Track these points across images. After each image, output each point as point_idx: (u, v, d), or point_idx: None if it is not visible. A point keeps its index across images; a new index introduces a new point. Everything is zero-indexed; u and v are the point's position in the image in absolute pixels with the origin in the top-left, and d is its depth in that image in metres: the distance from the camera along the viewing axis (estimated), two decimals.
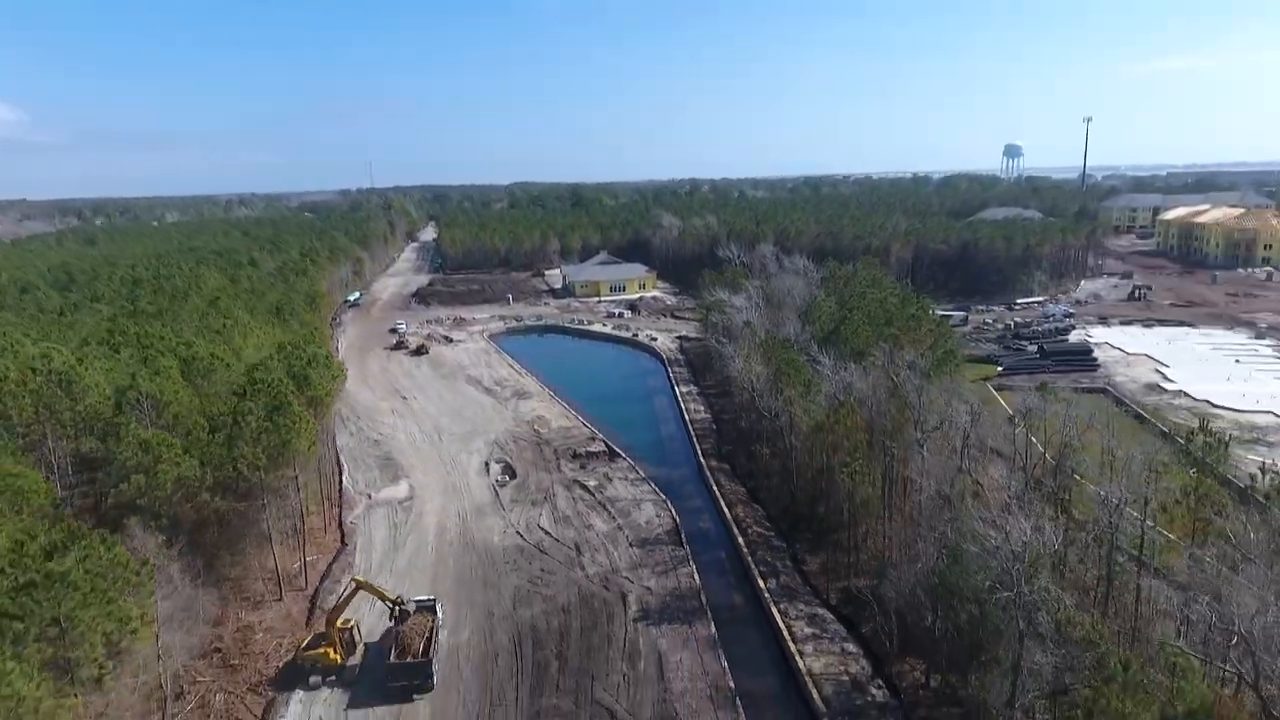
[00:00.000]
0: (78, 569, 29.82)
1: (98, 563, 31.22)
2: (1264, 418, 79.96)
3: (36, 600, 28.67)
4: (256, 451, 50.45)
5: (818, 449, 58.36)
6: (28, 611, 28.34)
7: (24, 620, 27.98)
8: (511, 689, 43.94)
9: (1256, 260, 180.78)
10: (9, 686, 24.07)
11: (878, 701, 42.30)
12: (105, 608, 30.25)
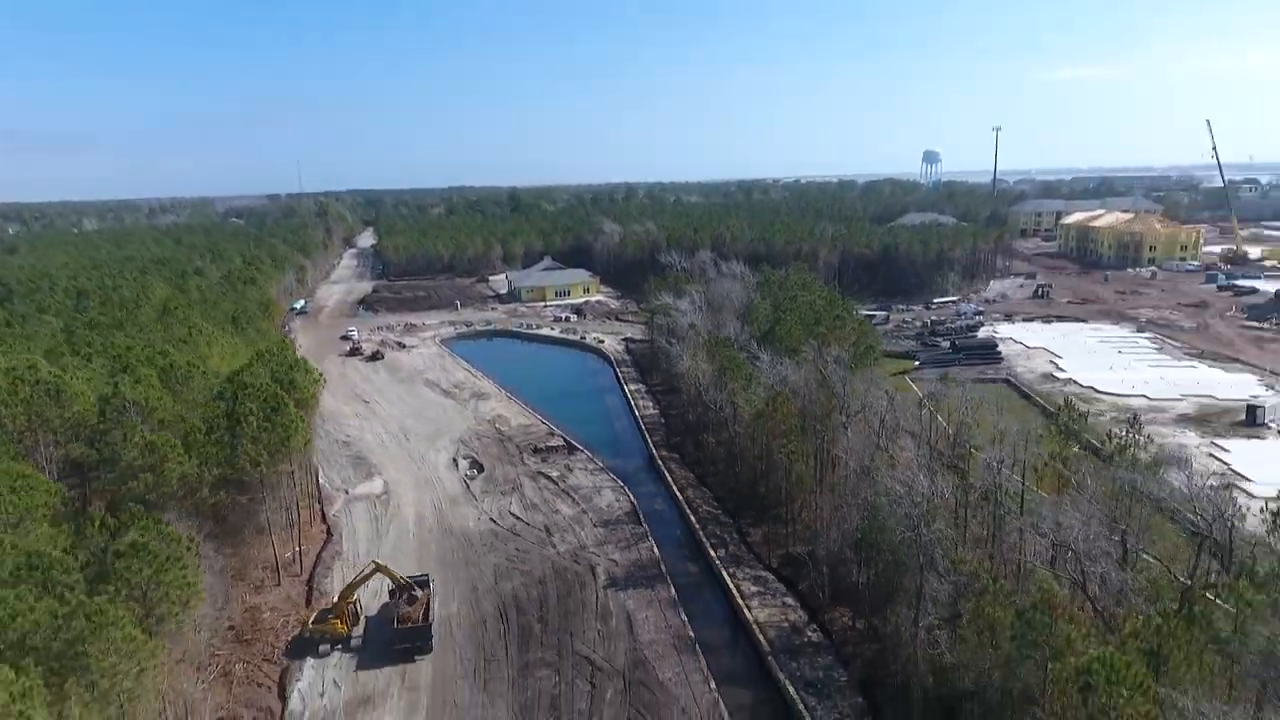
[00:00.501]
0: (151, 542, 35.07)
1: (157, 538, 36.41)
2: (1137, 401, 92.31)
3: (128, 565, 33.82)
4: (258, 449, 55.46)
5: (758, 435, 66.69)
6: (123, 574, 33.47)
7: (122, 580, 33.11)
8: (501, 648, 50.43)
9: (1143, 260, 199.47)
10: (123, 630, 29.36)
11: (813, 642, 50.43)
12: (180, 572, 35.53)
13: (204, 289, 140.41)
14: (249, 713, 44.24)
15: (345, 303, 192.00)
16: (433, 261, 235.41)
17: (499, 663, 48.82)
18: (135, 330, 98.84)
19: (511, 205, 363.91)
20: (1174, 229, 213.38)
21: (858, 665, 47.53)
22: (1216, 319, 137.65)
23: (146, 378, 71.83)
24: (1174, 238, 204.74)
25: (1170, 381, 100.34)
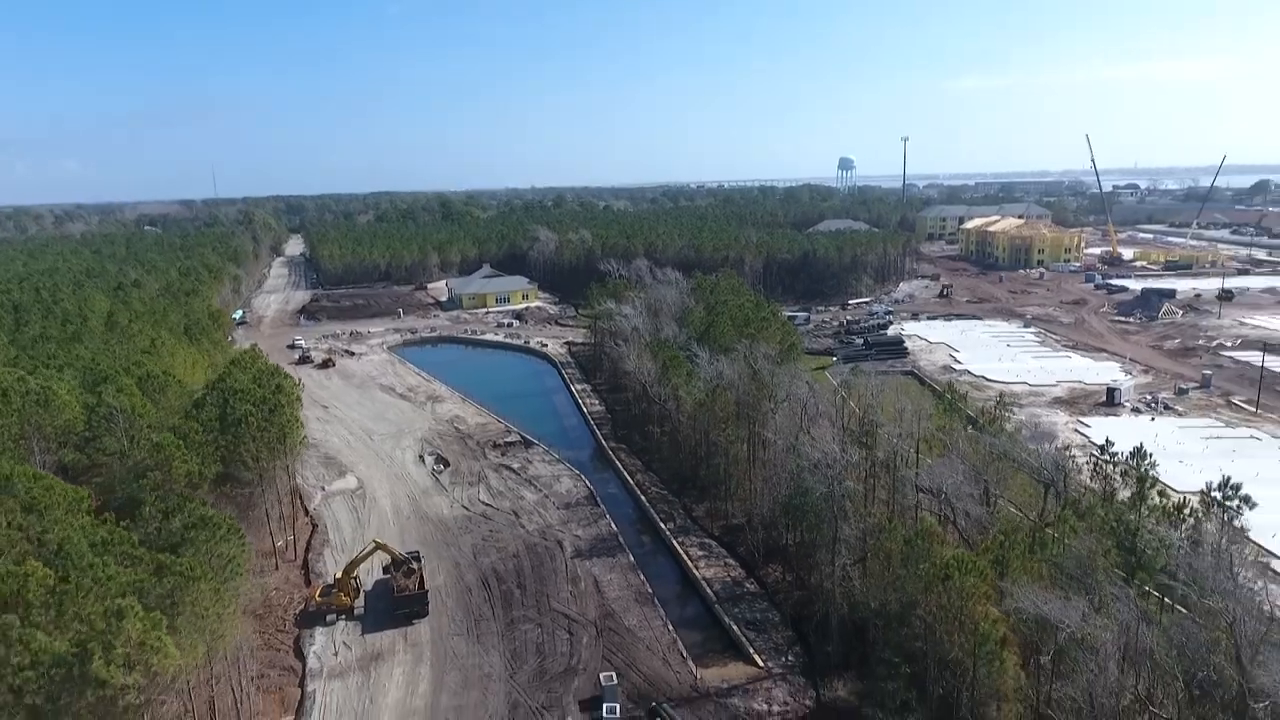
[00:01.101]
0: (212, 517, 41.71)
1: (210, 517, 43.06)
2: (1020, 387, 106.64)
3: (198, 536, 40.35)
4: (258, 446, 61.76)
5: (699, 423, 76.56)
6: (194, 542, 39.98)
7: (193, 547, 39.59)
8: (487, 609, 58.43)
9: (1033, 262, 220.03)
10: (207, 584, 35.96)
11: (751, 592, 60.29)
12: (239, 544, 42.21)
13: (146, 301, 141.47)
14: (275, 670, 51.03)
15: (285, 312, 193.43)
16: (369, 270, 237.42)
17: (488, 621, 56.84)
18: (94, 343, 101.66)
19: (443, 213, 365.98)
20: (1060, 234, 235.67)
21: (788, 606, 57.60)
22: (1091, 315, 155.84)
23: (127, 387, 76.62)
24: (1059, 242, 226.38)
25: (1048, 370, 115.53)
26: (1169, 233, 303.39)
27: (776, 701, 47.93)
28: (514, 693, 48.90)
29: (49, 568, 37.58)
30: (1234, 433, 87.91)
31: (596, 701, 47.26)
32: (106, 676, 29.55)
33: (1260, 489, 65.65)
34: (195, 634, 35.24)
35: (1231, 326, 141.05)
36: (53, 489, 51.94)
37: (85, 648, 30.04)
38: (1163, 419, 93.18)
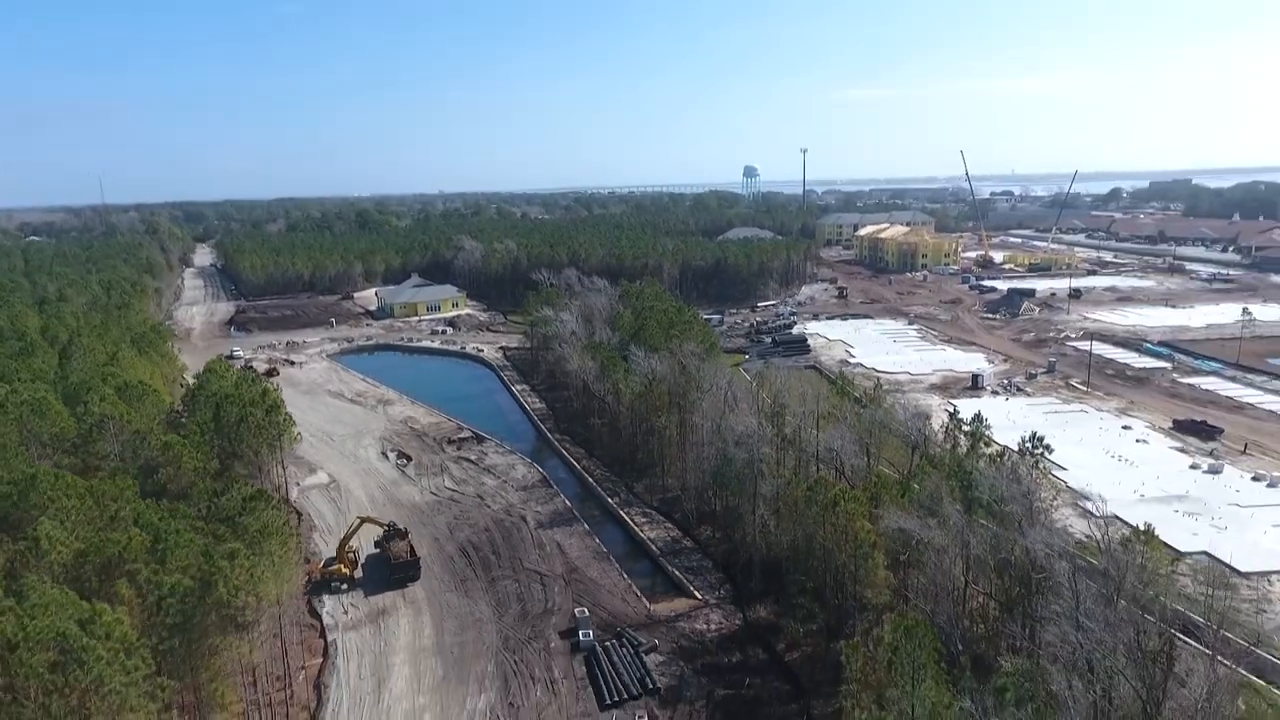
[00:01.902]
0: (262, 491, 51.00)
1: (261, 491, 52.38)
2: (903, 376, 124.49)
3: (255, 506, 49.59)
4: (259, 441, 70.43)
5: (637, 413, 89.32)
6: (257, 510, 49.23)
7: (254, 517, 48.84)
8: (470, 572, 69.25)
9: (917, 265, 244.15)
10: (275, 540, 45.44)
11: (687, 547, 73.35)
12: (284, 512, 51.46)
13: (78, 316, 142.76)
14: (297, 628, 60.44)
15: (212, 324, 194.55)
16: (292, 281, 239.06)
17: (472, 580, 67.74)
18: (48, 358, 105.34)
19: (359, 222, 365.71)
20: (940, 240, 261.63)
21: (718, 555, 70.98)
22: (965, 313, 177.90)
23: (109, 396, 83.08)
24: (940, 247, 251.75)
25: (927, 361, 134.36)
26: (1035, 237, 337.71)
27: (713, 623, 61.08)
28: (504, 630, 60.22)
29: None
30: (1068, 408, 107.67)
31: (572, 632, 59.13)
32: (228, 599, 39.38)
33: (1078, 449, 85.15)
34: (272, 576, 45.01)
35: (1077, 321, 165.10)
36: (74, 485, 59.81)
37: (208, 580, 39.74)
38: (1015, 399, 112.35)
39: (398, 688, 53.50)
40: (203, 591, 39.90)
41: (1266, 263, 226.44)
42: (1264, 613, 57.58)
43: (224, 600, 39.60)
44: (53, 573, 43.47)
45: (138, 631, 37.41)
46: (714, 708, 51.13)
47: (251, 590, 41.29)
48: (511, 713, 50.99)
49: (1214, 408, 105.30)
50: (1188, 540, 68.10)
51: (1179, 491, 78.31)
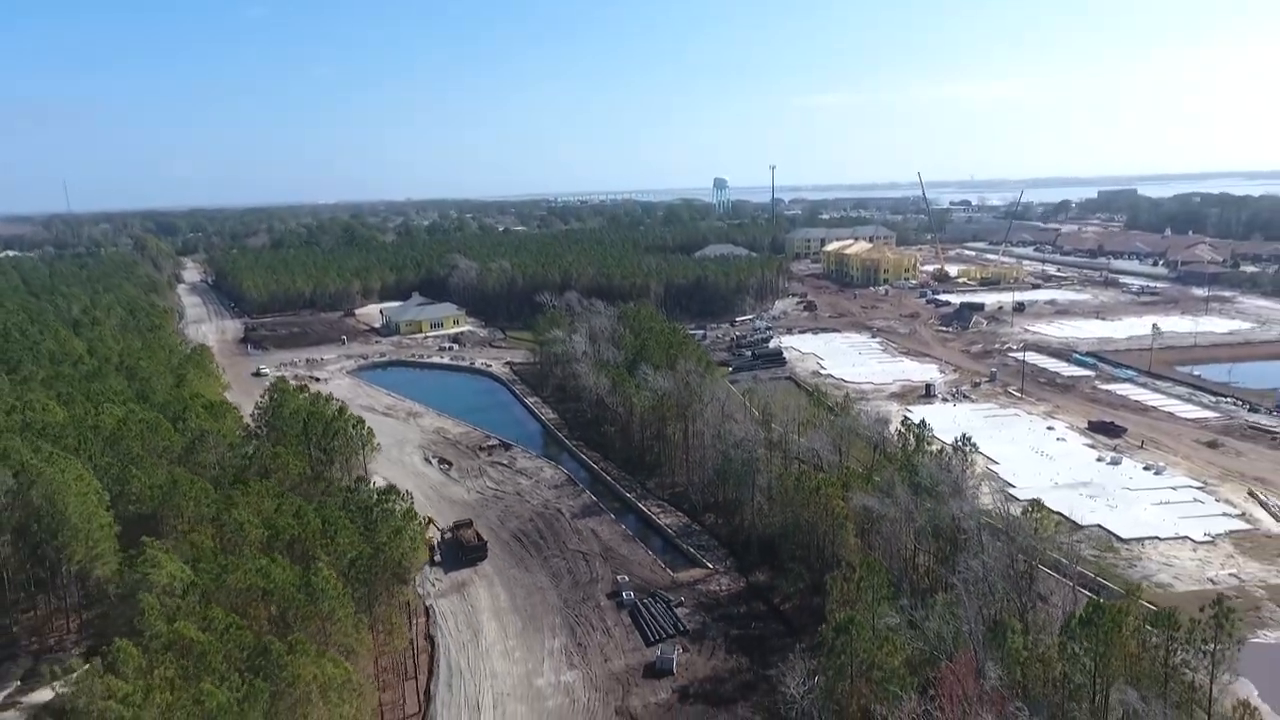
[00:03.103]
0: (388, 488, 67.22)
1: (388, 488, 68.66)
2: (866, 385, 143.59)
3: (388, 499, 65.78)
4: (353, 448, 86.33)
5: (647, 422, 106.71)
6: (388, 502, 65.39)
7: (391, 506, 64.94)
8: (525, 553, 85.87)
9: (880, 280, 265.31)
10: (416, 532, 61.59)
11: (696, 530, 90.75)
12: (408, 500, 67.88)
13: (120, 339, 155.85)
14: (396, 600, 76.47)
15: (225, 342, 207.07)
16: (294, 298, 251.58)
17: (528, 559, 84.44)
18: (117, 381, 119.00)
19: (346, 237, 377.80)
20: (900, 256, 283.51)
21: (722, 535, 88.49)
22: (922, 326, 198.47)
23: (201, 414, 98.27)
24: (900, 263, 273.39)
25: (888, 371, 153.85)
26: (988, 250, 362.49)
27: (723, 586, 78.55)
28: (562, 594, 77.08)
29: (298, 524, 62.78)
30: (1004, 412, 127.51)
31: (616, 593, 76.16)
32: (399, 557, 55.83)
33: (1009, 447, 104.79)
34: (418, 546, 61.32)
35: (1019, 333, 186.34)
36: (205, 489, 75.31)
37: (381, 546, 56.12)
38: (961, 405, 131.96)
39: (490, 636, 70.14)
40: (375, 555, 56.27)
41: (1189, 276, 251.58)
42: (1134, 566, 76.89)
43: (395, 560, 55.94)
44: (253, 548, 59.50)
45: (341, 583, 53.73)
46: (729, 643, 68.56)
47: (409, 555, 57.66)
48: (580, 650, 67.92)
49: (1124, 410, 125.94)
50: (1088, 516, 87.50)
51: (1085, 479, 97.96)
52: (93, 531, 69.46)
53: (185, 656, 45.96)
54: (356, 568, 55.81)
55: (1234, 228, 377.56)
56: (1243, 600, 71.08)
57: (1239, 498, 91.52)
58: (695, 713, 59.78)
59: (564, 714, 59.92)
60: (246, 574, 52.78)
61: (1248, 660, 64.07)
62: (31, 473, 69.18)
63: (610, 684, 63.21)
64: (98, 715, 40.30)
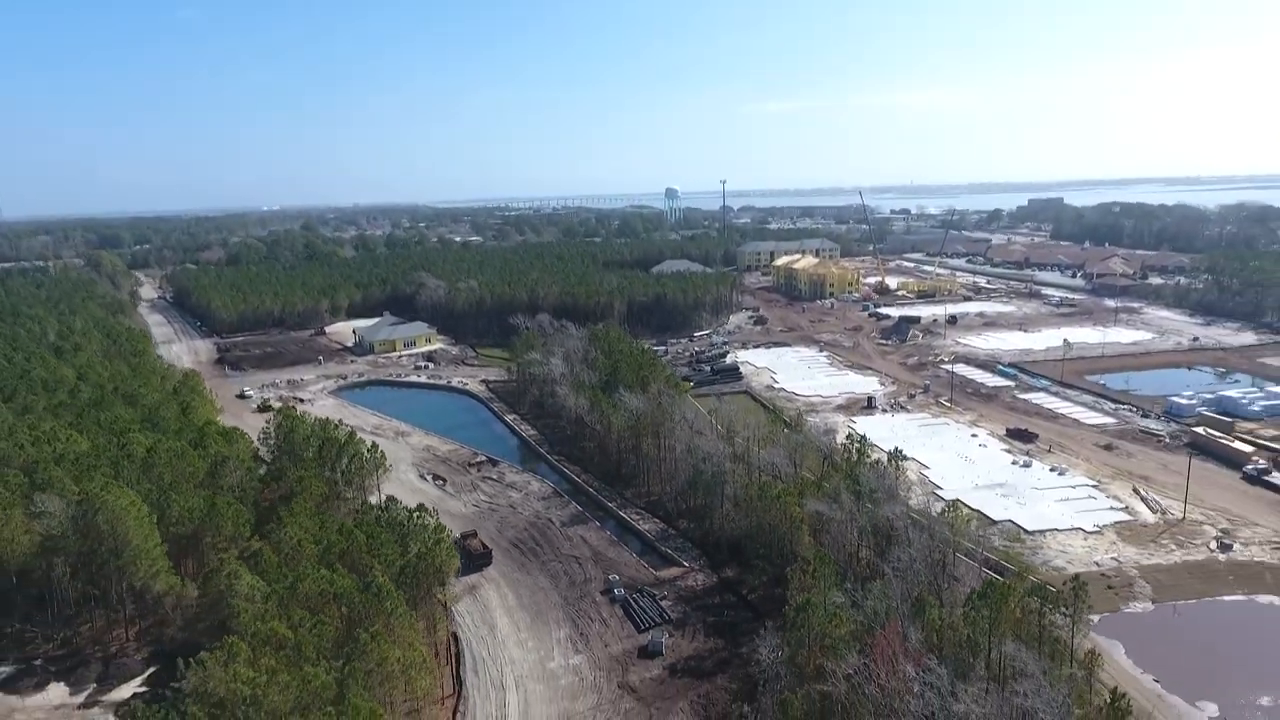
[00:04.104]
0: (418, 506, 79.03)
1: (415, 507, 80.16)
2: (815, 399, 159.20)
3: (424, 515, 77.20)
4: (368, 469, 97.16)
5: (624, 438, 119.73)
6: (418, 514, 76.71)
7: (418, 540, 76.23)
8: (524, 559, 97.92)
9: (826, 293, 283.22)
10: (443, 533, 73.03)
11: (672, 534, 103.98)
12: (444, 536, 79.28)
13: (108, 365, 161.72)
14: None
15: (201, 363, 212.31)
16: (263, 317, 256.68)
17: (529, 563, 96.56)
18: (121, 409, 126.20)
19: (308, 253, 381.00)
20: (844, 270, 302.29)
21: (695, 538, 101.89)
22: (864, 339, 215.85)
23: (219, 441, 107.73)
24: (845, 277, 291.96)
25: (834, 385, 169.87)
26: (925, 261, 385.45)
27: (698, 581, 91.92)
28: (561, 592, 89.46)
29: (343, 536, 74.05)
30: (936, 421, 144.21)
31: (608, 590, 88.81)
32: (439, 563, 67.63)
33: (938, 453, 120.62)
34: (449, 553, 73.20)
35: (951, 345, 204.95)
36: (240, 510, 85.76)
37: (423, 554, 67.86)
38: (899, 415, 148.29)
39: (504, 629, 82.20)
40: (419, 562, 68.06)
41: (1102, 288, 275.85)
42: (1036, 554, 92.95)
43: (435, 566, 67.77)
44: (310, 561, 70.60)
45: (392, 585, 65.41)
46: (707, 628, 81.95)
47: (447, 561, 69.54)
48: (583, 638, 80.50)
49: (1038, 418, 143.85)
50: (1001, 512, 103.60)
51: (1001, 480, 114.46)
52: (150, 550, 79.49)
53: (280, 649, 57.27)
54: (405, 574, 67.55)
55: (1146, 239, 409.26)
56: (1119, 579, 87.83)
57: (1125, 493, 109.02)
58: (683, 685, 72.96)
59: (575, 690, 72.48)
60: (316, 582, 64.03)
61: (1119, 625, 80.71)
62: (96, 501, 78.54)
63: (611, 664, 75.98)
64: (230, 695, 51.49)
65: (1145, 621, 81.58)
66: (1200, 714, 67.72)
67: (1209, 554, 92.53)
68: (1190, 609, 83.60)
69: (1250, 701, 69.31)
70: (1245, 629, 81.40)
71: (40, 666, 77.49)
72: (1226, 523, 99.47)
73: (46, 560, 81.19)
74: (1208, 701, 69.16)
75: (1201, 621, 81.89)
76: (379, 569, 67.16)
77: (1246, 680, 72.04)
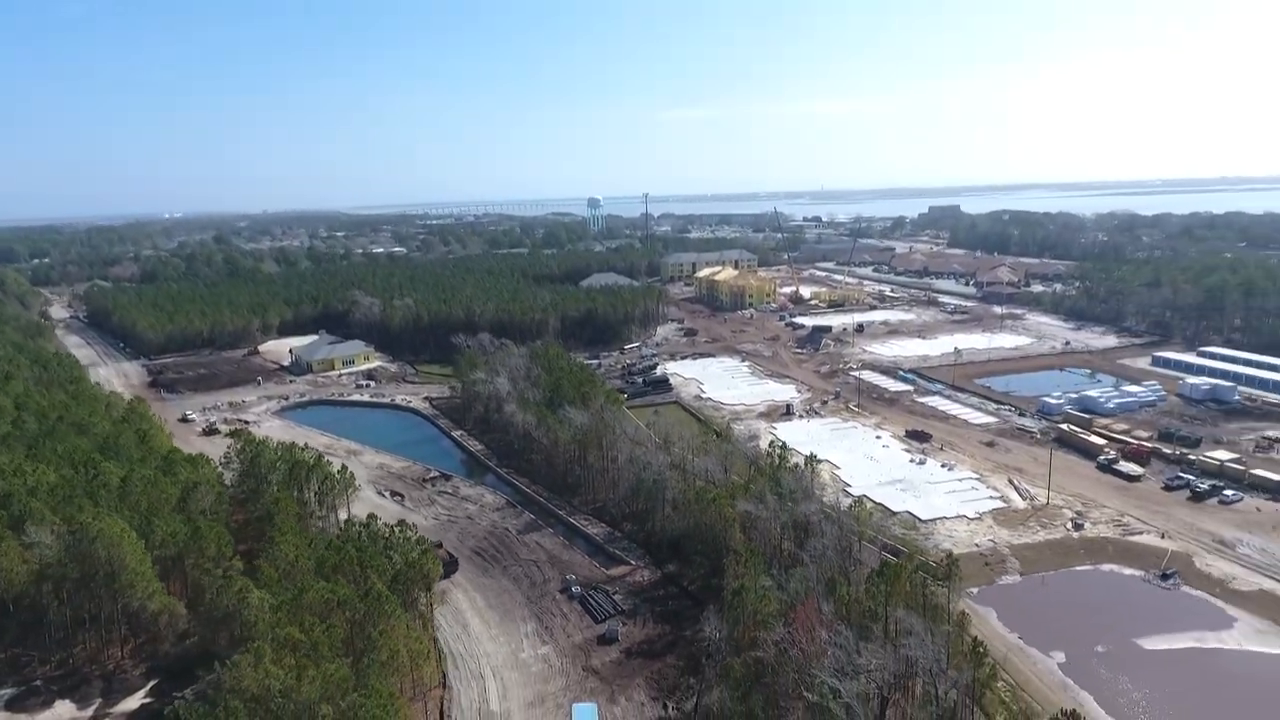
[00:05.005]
0: (398, 523, 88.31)
1: (397, 523, 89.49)
2: (739, 407, 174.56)
3: (407, 532, 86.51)
4: (339, 489, 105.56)
5: (569, 450, 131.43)
6: (398, 546, 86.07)
7: (400, 551, 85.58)
8: (487, 565, 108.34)
9: (746, 304, 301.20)
10: (423, 547, 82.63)
11: (618, 537, 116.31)
12: (425, 551, 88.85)
13: (46, 395, 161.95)
14: None
15: (133, 387, 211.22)
16: (191, 338, 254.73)
17: (491, 569, 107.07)
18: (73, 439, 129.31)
19: (229, 269, 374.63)
20: (763, 281, 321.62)
21: (639, 539, 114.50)
22: (782, 349, 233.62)
23: (189, 467, 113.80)
24: (763, 288, 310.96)
25: (756, 393, 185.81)
26: (835, 270, 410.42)
27: (644, 577, 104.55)
28: (524, 593, 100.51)
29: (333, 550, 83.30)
30: (845, 425, 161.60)
31: (566, 588, 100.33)
32: (427, 570, 77.85)
33: (848, 455, 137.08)
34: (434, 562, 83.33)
35: (859, 353, 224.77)
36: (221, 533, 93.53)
37: (412, 562, 77.95)
38: (814, 420, 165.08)
39: (476, 627, 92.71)
40: (408, 570, 78.17)
41: (991, 296, 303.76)
42: (929, 539, 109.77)
43: (426, 576, 78.00)
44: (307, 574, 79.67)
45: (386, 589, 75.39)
46: (655, 616, 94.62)
47: (432, 568, 79.77)
48: (547, 631, 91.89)
49: (932, 419, 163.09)
50: (900, 505, 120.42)
51: (900, 477, 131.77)
52: (145, 573, 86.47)
53: (296, 650, 66.76)
54: (397, 581, 77.60)
55: (1031, 247, 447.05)
56: (994, 556, 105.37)
57: (1002, 484, 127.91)
58: (638, 665, 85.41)
59: (546, 675, 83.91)
60: (319, 591, 73.44)
61: (993, 595, 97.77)
62: (91, 530, 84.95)
63: (575, 652, 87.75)
64: (262, 691, 60.89)
65: (1014, 590, 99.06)
66: (1051, 660, 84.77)
67: (1066, 533, 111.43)
68: (1050, 579, 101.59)
69: (1089, 649, 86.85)
70: (1090, 592, 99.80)
71: (41, 686, 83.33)
72: (1081, 506, 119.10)
73: (40, 587, 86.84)
74: (1058, 650, 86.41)
75: (1057, 588, 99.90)
76: (374, 577, 76.94)
77: (1089, 633, 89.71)
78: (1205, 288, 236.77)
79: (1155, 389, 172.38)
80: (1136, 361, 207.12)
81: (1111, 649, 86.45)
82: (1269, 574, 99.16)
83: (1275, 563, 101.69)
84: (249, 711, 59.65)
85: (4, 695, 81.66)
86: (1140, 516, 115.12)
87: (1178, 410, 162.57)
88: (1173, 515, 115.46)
